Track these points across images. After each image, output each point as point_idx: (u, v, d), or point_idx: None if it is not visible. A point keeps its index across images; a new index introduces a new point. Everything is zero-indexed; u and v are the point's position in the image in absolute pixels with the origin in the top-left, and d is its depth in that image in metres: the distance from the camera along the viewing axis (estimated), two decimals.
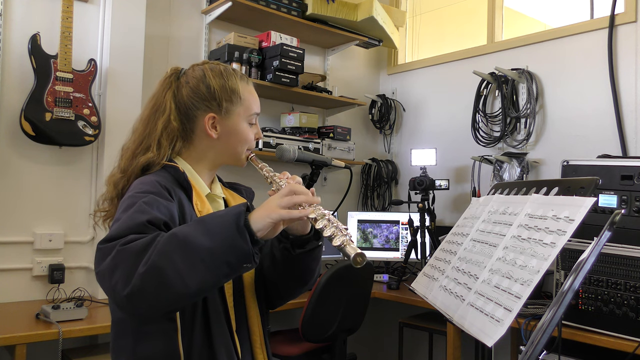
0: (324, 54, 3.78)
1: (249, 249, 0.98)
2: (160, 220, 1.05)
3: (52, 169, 2.58)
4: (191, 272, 0.95)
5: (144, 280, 0.93)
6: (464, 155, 3.43)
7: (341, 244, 1.00)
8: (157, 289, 0.94)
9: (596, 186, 1.05)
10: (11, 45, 2.47)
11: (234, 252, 0.98)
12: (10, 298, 2.44)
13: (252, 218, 1.01)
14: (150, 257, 0.94)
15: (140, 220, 1.02)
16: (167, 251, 0.95)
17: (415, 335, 3.55)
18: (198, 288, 0.97)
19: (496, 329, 0.96)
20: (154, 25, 2.93)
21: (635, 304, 1.98)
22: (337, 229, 1.03)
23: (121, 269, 0.95)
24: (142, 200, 1.08)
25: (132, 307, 0.97)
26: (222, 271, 0.99)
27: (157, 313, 1.05)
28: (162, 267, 0.93)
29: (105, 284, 0.99)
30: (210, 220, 1.01)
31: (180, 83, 1.30)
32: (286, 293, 1.35)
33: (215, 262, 0.97)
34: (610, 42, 2.84)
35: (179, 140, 1.28)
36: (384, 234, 3.48)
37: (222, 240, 0.97)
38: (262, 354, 1.27)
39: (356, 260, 0.98)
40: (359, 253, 0.98)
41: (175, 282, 0.94)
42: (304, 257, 1.25)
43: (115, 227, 1.04)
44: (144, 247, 0.96)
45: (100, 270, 0.99)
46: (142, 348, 1.13)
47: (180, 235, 0.97)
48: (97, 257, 1.01)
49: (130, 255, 0.96)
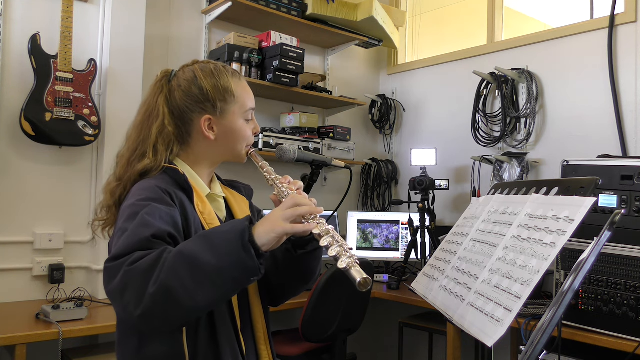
0: (324, 54, 3.78)
1: (255, 265, 0.99)
2: (164, 232, 1.05)
3: (52, 169, 2.58)
4: (199, 290, 0.97)
5: (154, 300, 0.95)
6: (464, 155, 3.43)
7: (347, 266, 0.99)
8: (168, 308, 0.96)
9: (596, 186, 1.05)
10: (11, 45, 2.47)
11: (240, 268, 0.99)
12: (10, 298, 2.44)
13: (257, 233, 1.02)
14: (159, 277, 0.95)
15: (144, 235, 1.02)
16: (174, 270, 0.96)
17: (415, 335, 3.55)
18: (207, 304, 1.01)
19: (496, 329, 0.96)
20: (154, 25, 2.93)
21: (635, 304, 1.98)
22: (342, 248, 1.02)
23: (130, 289, 0.97)
24: (143, 211, 1.07)
25: (146, 326, 1.00)
26: (229, 286, 1.02)
27: (170, 328, 1.07)
28: (171, 286, 0.95)
29: (117, 303, 1.01)
30: (215, 237, 1.01)
31: (172, 86, 1.28)
32: (288, 291, 1.36)
33: (222, 278, 0.99)
34: (610, 42, 2.84)
35: (176, 144, 1.26)
36: (384, 234, 3.48)
37: (228, 257, 0.98)
38: (266, 351, 1.27)
39: (361, 284, 0.96)
40: (364, 278, 0.96)
41: (184, 300, 0.96)
42: (305, 257, 1.25)
43: (120, 244, 1.04)
44: (151, 266, 0.97)
45: (110, 290, 1.01)
46: (147, 348, 1.13)
47: (186, 253, 0.98)
48: (105, 277, 1.02)
49: (139, 275, 0.97)
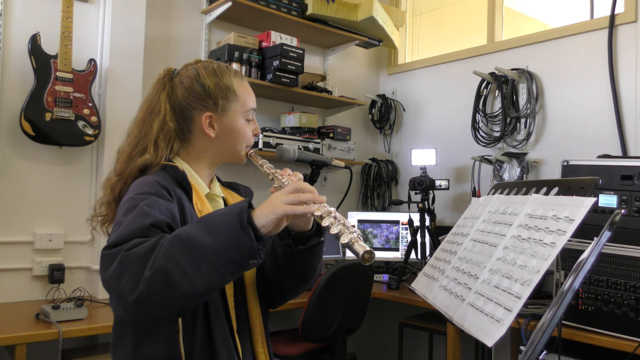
0: (324, 54, 3.78)
1: (253, 245, 0.97)
2: (162, 222, 1.04)
3: (52, 169, 2.58)
4: (197, 272, 0.94)
5: (150, 284, 0.93)
6: (464, 155, 3.43)
7: (349, 241, 0.98)
8: (165, 292, 0.94)
9: (596, 186, 1.05)
10: (11, 45, 2.47)
11: (238, 250, 0.97)
12: (10, 298, 2.44)
13: (256, 214, 1.01)
14: (155, 260, 0.94)
15: (143, 223, 1.02)
16: (171, 253, 0.94)
17: (415, 335, 3.55)
18: (205, 287, 0.97)
19: (496, 329, 0.96)
20: (154, 25, 2.93)
21: (635, 304, 1.98)
22: (345, 226, 1.01)
23: (127, 274, 0.95)
24: (142, 202, 1.07)
25: (141, 312, 0.96)
26: (228, 269, 0.98)
27: (166, 315, 1.02)
28: (168, 269, 0.93)
29: (113, 290, 0.99)
30: (213, 219, 1.00)
31: (174, 84, 1.29)
32: (287, 291, 1.34)
33: (220, 260, 0.96)
34: (610, 42, 2.84)
35: (177, 141, 1.27)
36: (384, 234, 3.48)
37: (226, 238, 0.96)
38: (263, 353, 1.27)
39: (364, 257, 0.95)
40: (367, 250, 0.95)
41: (181, 283, 0.93)
42: (305, 253, 1.24)
43: (118, 232, 1.02)
44: (148, 251, 0.95)
45: (106, 277, 0.99)
46: (143, 348, 1.13)
47: (183, 236, 0.97)
48: (102, 264, 1.01)
49: (135, 260, 0.95)
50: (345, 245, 0.99)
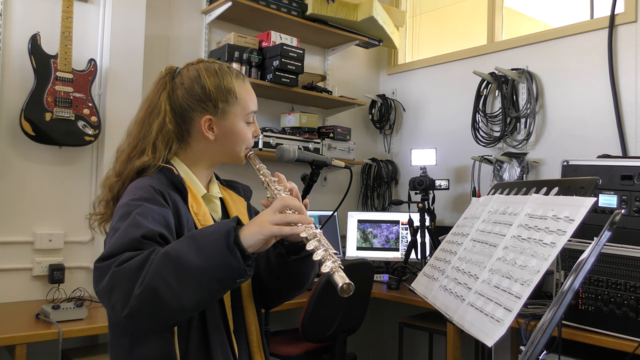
0: (324, 54, 3.78)
1: (240, 266, 0.98)
2: (154, 232, 1.05)
3: (52, 169, 2.58)
4: (185, 291, 0.96)
5: (140, 301, 0.95)
6: (464, 155, 3.43)
7: (330, 271, 0.98)
8: (154, 309, 0.96)
9: (596, 186, 1.05)
10: (11, 45, 2.47)
11: (225, 270, 0.98)
12: (10, 298, 2.44)
13: (243, 234, 1.01)
14: (145, 278, 0.95)
15: (135, 235, 1.02)
16: (160, 271, 0.96)
17: (415, 335, 3.55)
18: (193, 305, 1.00)
19: (496, 329, 0.96)
20: (153, 25, 2.93)
21: (635, 304, 1.98)
22: (328, 253, 1.01)
23: (118, 290, 0.97)
24: (135, 211, 1.07)
25: (133, 325, 1.02)
26: (215, 287, 1.01)
27: (158, 329, 1.08)
28: (157, 287, 0.95)
29: (105, 303, 1.02)
30: (202, 237, 1.01)
31: (175, 84, 1.28)
32: (282, 295, 1.35)
33: (207, 279, 0.98)
34: (610, 42, 2.84)
35: (175, 142, 1.26)
36: (384, 234, 3.48)
37: (213, 258, 0.98)
38: (259, 354, 1.27)
39: (343, 288, 0.95)
40: (347, 283, 0.96)
41: (170, 301, 0.96)
42: (298, 263, 1.25)
43: (110, 244, 1.04)
44: (138, 267, 0.97)
45: (98, 290, 1.01)
46: (138, 350, 1.13)
47: (172, 254, 0.98)
48: (94, 276, 1.03)
49: (126, 276, 0.97)
50: (325, 274, 0.99)
